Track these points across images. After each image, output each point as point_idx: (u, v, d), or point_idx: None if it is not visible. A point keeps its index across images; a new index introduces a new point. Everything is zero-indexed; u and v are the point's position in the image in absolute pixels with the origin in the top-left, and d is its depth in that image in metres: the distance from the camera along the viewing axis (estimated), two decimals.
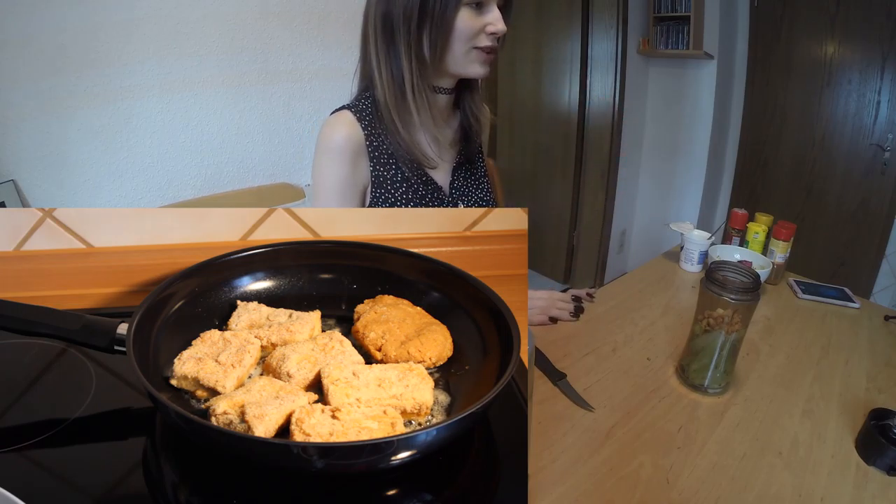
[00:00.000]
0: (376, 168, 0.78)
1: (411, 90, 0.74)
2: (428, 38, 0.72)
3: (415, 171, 0.80)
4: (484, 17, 0.72)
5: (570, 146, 2.70)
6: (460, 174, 0.88)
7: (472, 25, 0.71)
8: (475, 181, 0.90)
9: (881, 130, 2.08)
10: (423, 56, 0.73)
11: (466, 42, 0.72)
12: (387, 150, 0.79)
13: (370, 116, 0.78)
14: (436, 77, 0.78)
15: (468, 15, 0.71)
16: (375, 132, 0.78)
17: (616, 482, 0.61)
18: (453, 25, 0.71)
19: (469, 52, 0.74)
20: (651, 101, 2.65)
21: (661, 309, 1.04)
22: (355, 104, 0.79)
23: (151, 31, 1.24)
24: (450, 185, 0.86)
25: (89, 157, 1.23)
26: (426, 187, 0.82)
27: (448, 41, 0.72)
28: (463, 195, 0.87)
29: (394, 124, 0.76)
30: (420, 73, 0.74)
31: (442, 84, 0.80)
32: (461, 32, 0.71)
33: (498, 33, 0.73)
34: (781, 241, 1.15)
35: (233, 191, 1.47)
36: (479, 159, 0.92)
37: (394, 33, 0.72)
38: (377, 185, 0.79)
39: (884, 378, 0.84)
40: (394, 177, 0.79)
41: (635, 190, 2.81)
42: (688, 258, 1.23)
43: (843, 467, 0.64)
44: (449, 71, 0.77)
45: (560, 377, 0.79)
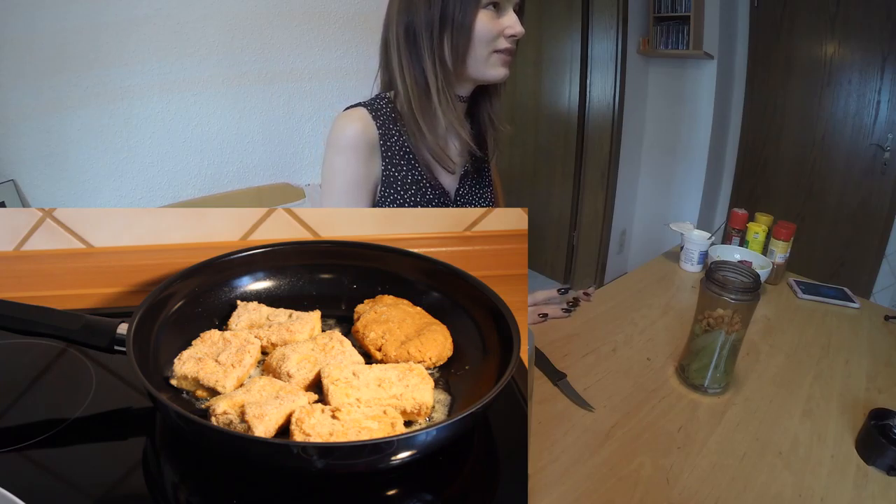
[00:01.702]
0: (388, 167, 0.78)
1: (436, 94, 0.75)
2: (449, 42, 0.73)
3: (426, 174, 0.80)
4: (501, 19, 0.73)
5: (570, 146, 2.70)
6: (467, 181, 0.88)
7: (490, 28, 0.73)
8: (480, 189, 0.91)
9: (881, 130, 2.08)
10: (446, 61, 0.74)
11: (487, 45, 0.74)
12: (399, 150, 0.79)
13: (385, 117, 0.79)
14: (457, 83, 0.79)
15: (487, 18, 0.72)
16: (390, 132, 0.79)
17: (616, 482, 0.61)
18: (473, 28, 0.72)
19: (490, 55, 0.75)
20: (651, 101, 2.65)
21: (661, 309, 1.04)
22: (371, 103, 0.80)
23: (152, 32, 1.24)
24: (455, 192, 0.86)
25: (89, 157, 1.23)
26: (434, 191, 0.82)
27: (469, 44, 0.73)
28: (467, 203, 0.88)
29: (419, 125, 0.77)
30: (445, 78, 0.76)
31: (461, 91, 0.81)
32: (481, 35, 0.73)
33: (516, 35, 0.74)
34: (781, 241, 1.15)
35: (233, 191, 1.47)
36: (485, 169, 0.93)
37: (416, 40, 0.74)
38: (387, 184, 0.79)
39: (884, 378, 0.84)
40: (405, 178, 0.79)
41: (635, 190, 2.81)
42: (688, 258, 1.23)
43: (843, 467, 0.64)
44: (471, 76, 0.78)
45: (560, 377, 0.79)
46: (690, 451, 0.66)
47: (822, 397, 0.78)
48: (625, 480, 0.61)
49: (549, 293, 0.91)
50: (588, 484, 0.60)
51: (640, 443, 0.67)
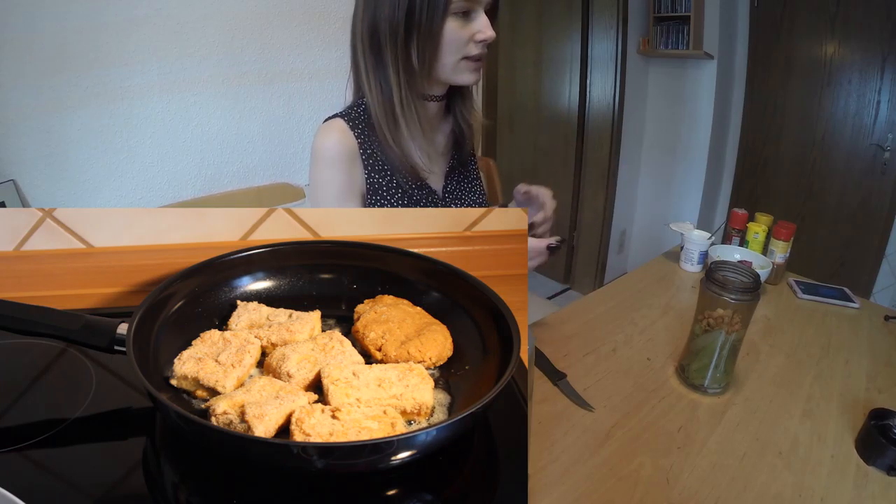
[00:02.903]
0: (371, 175, 0.78)
1: (399, 103, 0.73)
2: (416, 50, 0.70)
3: (408, 178, 0.80)
4: (471, 25, 0.70)
5: (570, 146, 2.70)
6: (453, 178, 0.88)
7: (460, 35, 0.70)
8: (468, 184, 0.90)
9: (881, 130, 2.08)
10: (412, 68, 0.72)
11: (455, 52, 0.71)
12: (380, 157, 0.78)
13: (363, 125, 0.78)
14: (426, 86, 0.77)
15: (456, 25, 0.69)
16: (368, 140, 0.78)
17: (616, 482, 0.61)
18: (441, 37, 0.69)
19: (458, 62, 0.72)
20: (651, 101, 2.65)
21: (661, 309, 1.04)
22: (348, 112, 0.79)
23: (152, 32, 1.24)
24: (443, 190, 0.86)
25: (89, 157, 1.23)
26: (420, 192, 0.82)
27: (437, 53, 0.71)
28: (456, 199, 0.88)
29: (385, 136, 0.76)
30: (409, 85, 0.73)
31: (433, 92, 0.79)
32: (449, 43, 0.70)
33: (487, 40, 0.71)
34: (781, 241, 1.15)
35: (233, 191, 1.47)
36: (471, 163, 0.92)
37: (380, 46, 0.71)
38: (372, 192, 0.79)
39: (884, 378, 0.84)
40: (388, 184, 0.79)
41: (635, 190, 2.81)
42: (688, 258, 1.23)
43: (843, 467, 0.64)
44: (440, 80, 0.76)
45: (560, 377, 0.79)
46: (690, 451, 0.66)
47: (822, 397, 0.78)
48: (625, 480, 0.61)
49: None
50: (588, 484, 0.60)
51: (640, 443, 0.67)
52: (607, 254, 2.75)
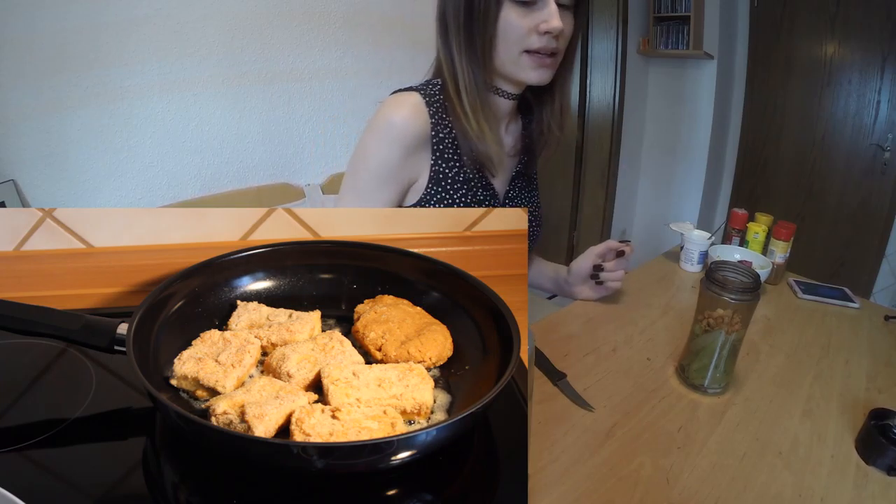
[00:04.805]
0: (438, 163, 0.71)
1: (464, 91, 0.68)
2: (476, 38, 0.65)
3: (477, 172, 0.74)
4: (536, 14, 0.63)
5: (570, 146, 2.70)
6: (517, 184, 0.82)
7: (519, 25, 0.63)
8: (528, 193, 0.84)
9: (881, 130, 2.08)
10: (475, 56, 0.66)
11: (515, 44, 0.64)
12: (452, 144, 0.71)
13: (437, 104, 0.71)
14: (493, 78, 0.71)
15: (516, 13, 0.62)
16: (442, 123, 0.71)
17: (616, 482, 0.61)
18: (496, 25, 0.63)
19: (520, 55, 0.66)
20: (651, 101, 2.65)
21: (661, 309, 1.04)
22: (424, 87, 0.72)
23: (152, 32, 1.24)
24: (505, 194, 0.80)
25: (89, 157, 1.23)
26: (484, 192, 0.76)
27: (493, 41, 0.65)
28: (515, 206, 0.82)
29: (466, 117, 0.69)
30: (473, 74, 0.68)
31: (502, 87, 0.73)
32: (506, 33, 0.64)
33: (552, 31, 0.63)
34: (781, 241, 1.15)
35: (232, 191, 1.47)
36: (534, 172, 0.87)
37: (447, 28, 0.67)
38: (435, 181, 0.72)
39: (884, 378, 0.84)
40: (455, 175, 0.72)
41: (635, 190, 2.81)
42: (688, 258, 1.23)
43: (843, 467, 0.64)
44: (503, 74, 0.70)
45: (560, 377, 0.79)
46: (690, 451, 0.66)
47: (822, 397, 0.78)
48: (625, 480, 0.61)
49: (606, 245, 0.84)
50: (588, 484, 0.60)
51: (640, 443, 0.67)
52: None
